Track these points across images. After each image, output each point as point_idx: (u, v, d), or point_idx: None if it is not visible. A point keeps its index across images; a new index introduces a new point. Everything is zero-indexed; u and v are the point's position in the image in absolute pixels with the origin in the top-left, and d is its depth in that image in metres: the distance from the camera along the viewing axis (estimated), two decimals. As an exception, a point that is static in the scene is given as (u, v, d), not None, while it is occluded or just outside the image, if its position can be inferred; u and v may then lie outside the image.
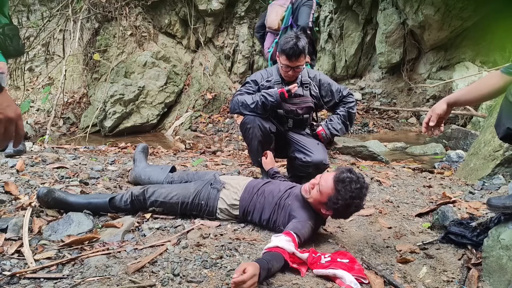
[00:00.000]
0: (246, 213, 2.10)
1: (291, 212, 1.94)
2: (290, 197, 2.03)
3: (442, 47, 7.21)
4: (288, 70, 2.71)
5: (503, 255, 1.60)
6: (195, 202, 2.12)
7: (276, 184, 2.18)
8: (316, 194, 1.90)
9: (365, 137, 6.24)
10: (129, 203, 2.14)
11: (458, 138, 5.10)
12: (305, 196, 1.96)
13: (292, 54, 2.61)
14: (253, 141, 2.73)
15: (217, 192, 2.14)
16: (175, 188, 2.18)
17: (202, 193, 2.13)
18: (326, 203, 1.88)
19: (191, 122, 7.01)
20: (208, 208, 2.13)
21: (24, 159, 3.02)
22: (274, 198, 2.05)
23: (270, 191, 2.10)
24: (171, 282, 1.51)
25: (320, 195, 1.89)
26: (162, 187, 2.20)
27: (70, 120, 7.30)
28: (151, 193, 2.15)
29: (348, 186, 1.82)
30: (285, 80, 2.80)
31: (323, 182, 1.89)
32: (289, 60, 2.65)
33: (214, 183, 2.18)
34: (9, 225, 1.88)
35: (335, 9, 7.55)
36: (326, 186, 1.87)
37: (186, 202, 2.13)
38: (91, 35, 7.15)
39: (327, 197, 1.87)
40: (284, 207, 2.00)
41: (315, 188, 1.91)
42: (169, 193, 2.14)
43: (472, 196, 2.82)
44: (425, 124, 1.75)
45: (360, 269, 1.67)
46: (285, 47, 2.62)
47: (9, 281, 1.49)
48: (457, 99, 1.72)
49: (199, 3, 7.27)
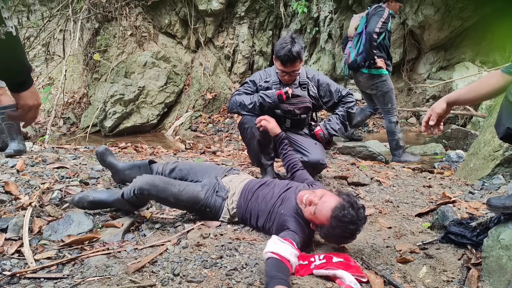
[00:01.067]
0: (244, 219, 2.10)
1: (284, 222, 1.88)
2: (283, 205, 1.98)
3: (442, 47, 7.22)
4: (284, 75, 2.71)
5: (503, 255, 1.60)
6: (201, 209, 2.10)
7: (271, 187, 2.13)
8: (310, 213, 1.82)
9: (365, 137, 6.24)
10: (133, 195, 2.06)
11: (458, 138, 5.10)
12: (301, 207, 1.89)
13: (287, 60, 2.59)
14: (252, 141, 2.73)
15: (222, 200, 2.12)
16: (185, 192, 2.06)
17: (209, 200, 2.10)
18: (317, 226, 1.83)
19: (191, 122, 7.01)
20: (212, 214, 2.12)
21: (24, 159, 3.02)
22: (267, 205, 2.01)
23: (264, 197, 2.06)
24: (171, 282, 1.51)
25: (314, 218, 1.81)
26: (173, 186, 2.05)
27: (70, 120, 7.30)
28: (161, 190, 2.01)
29: (344, 225, 1.72)
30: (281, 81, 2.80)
31: (321, 208, 1.78)
32: (284, 66, 2.64)
33: (219, 191, 2.13)
34: (9, 225, 1.89)
35: (335, 9, 7.54)
36: (322, 214, 1.77)
37: (195, 208, 2.11)
38: (91, 35, 7.16)
39: (319, 223, 1.80)
40: (277, 215, 1.95)
41: (311, 207, 1.83)
42: (179, 196, 2.04)
43: (472, 196, 2.82)
44: (425, 123, 1.75)
45: (356, 266, 1.67)
46: (280, 53, 2.59)
47: (9, 281, 1.49)
48: (457, 98, 1.72)
49: (199, 3, 7.27)
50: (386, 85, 4.19)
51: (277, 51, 2.62)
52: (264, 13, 7.88)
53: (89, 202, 2.15)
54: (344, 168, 3.70)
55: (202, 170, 2.40)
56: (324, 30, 7.87)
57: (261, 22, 7.96)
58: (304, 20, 7.94)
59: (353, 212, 1.72)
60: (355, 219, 1.72)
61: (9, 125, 3.25)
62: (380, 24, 3.92)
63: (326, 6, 7.70)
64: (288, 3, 7.83)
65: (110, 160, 2.57)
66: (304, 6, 7.31)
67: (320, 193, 1.86)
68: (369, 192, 2.89)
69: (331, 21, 7.74)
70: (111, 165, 2.58)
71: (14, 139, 3.25)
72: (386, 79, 4.17)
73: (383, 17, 3.91)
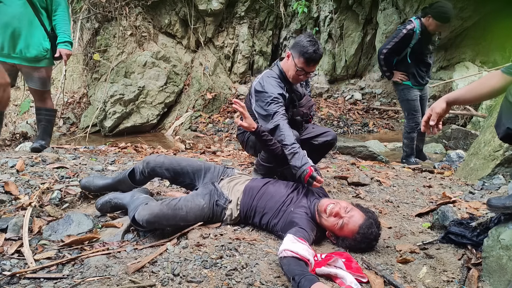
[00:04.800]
0: (247, 216, 2.09)
1: (293, 219, 1.92)
2: (293, 204, 2.02)
3: (442, 47, 7.21)
4: (301, 73, 2.54)
5: (503, 255, 1.60)
6: (205, 220, 2.08)
7: (277, 186, 2.16)
8: (334, 224, 1.89)
9: (365, 137, 6.24)
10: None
11: (458, 138, 5.11)
12: (322, 215, 1.93)
13: (313, 60, 2.48)
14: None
15: (223, 209, 2.11)
16: (192, 212, 2.00)
17: (211, 211, 2.08)
18: (339, 238, 1.92)
19: (191, 122, 7.01)
20: (215, 220, 2.12)
21: (24, 159, 3.02)
22: (275, 202, 2.04)
23: (271, 195, 2.07)
24: (171, 282, 1.50)
25: (338, 230, 1.89)
26: (180, 210, 1.97)
27: (70, 120, 7.30)
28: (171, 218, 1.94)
29: (369, 241, 1.88)
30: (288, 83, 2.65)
31: (348, 222, 1.87)
32: (307, 65, 2.50)
33: (219, 199, 2.10)
34: (9, 225, 1.89)
35: (335, 9, 7.55)
36: (349, 229, 1.87)
37: (200, 221, 2.06)
38: (91, 35, 7.15)
39: (342, 235, 1.90)
40: (285, 213, 1.99)
41: (337, 219, 1.89)
42: (187, 217, 1.97)
43: (472, 196, 2.82)
44: (424, 122, 1.75)
45: (358, 267, 1.67)
46: (307, 52, 2.45)
47: (9, 281, 1.49)
48: (457, 98, 1.72)
49: (199, 3, 7.27)
50: (402, 94, 4.22)
51: (304, 50, 2.46)
52: (264, 13, 7.88)
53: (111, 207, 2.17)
54: (344, 168, 3.70)
55: (194, 171, 2.29)
56: (324, 30, 7.88)
57: (261, 22, 7.96)
58: (304, 20, 7.95)
59: (377, 230, 1.89)
60: (378, 236, 1.90)
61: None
62: (392, 44, 4.01)
63: (326, 6, 7.70)
64: (288, 3, 7.84)
65: (98, 183, 2.35)
66: (304, 6, 7.31)
67: (345, 205, 1.94)
68: (369, 192, 2.89)
69: (331, 21, 7.74)
70: (104, 187, 2.35)
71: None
72: (404, 88, 4.18)
73: (396, 37, 3.98)
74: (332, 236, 1.96)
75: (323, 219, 1.93)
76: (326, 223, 1.93)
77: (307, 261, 1.59)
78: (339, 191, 2.86)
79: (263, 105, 2.50)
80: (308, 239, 1.76)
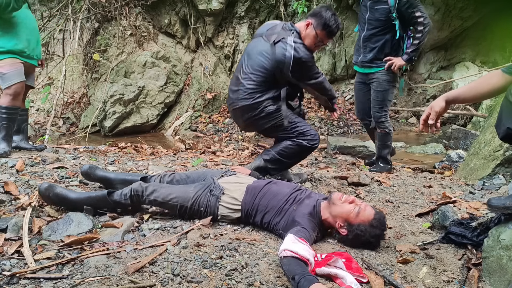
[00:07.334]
0: (248, 215, 2.08)
1: (295, 218, 1.92)
2: (296, 203, 2.02)
3: (442, 47, 7.22)
4: (320, 44, 2.73)
5: (503, 255, 1.60)
6: (194, 208, 2.08)
7: (279, 186, 2.15)
8: (350, 210, 1.92)
9: (365, 137, 6.23)
10: (128, 198, 2.11)
11: (458, 138, 5.11)
12: (336, 202, 1.96)
13: (335, 33, 2.72)
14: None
15: (216, 199, 2.10)
16: (175, 190, 2.14)
17: (201, 200, 2.09)
18: (352, 225, 1.91)
19: (191, 122, 7.01)
20: (208, 215, 2.10)
21: (24, 159, 3.02)
22: (278, 202, 2.03)
23: (274, 194, 2.07)
24: (171, 282, 1.50)
25: (355, 215, 1.91)
26: (162, 187, 2.17)
27: (70, 120, 7.30)
28: (150, 192, 2.11)
29: (384, 228, 1.95)
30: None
31: (364, 208, 1.94)
32: (329, 38, 2.71)
33: (213, 189, 2.12)
34: (9, 225, 1.88)
35: (335, 9, 7.54)
36: (365, 215, 1.91)
37: (185, 206, 2.09)
38: (91, 35, 7.15)
39: (358, 222, 1.90)
40: (287, 212, 1.98)
41: (353, 205, 1.93)
42: (169, 194, 2.11)
43: (472, 196, 2.82)
44: (423, 121, 1.75)
45: (358, 268, 1.67)
46: (331, 25, 2.63)
47: (9, 281, 1.49)
48: (456, 97, 1.72)
49: (199, 3, 7.26)
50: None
51: (328, 23, 2.63)
52: (264, 13, 7.88)
53: (54, 193, 2.11)
54: (344, 168, 3.70)
55: (199, 177, 2.36)
56: (324, 30, 7.87)
57: (261, 22, 7.95)
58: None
59: (386, 224, 2.00)
60: (384, 228, 1.97)
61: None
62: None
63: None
64: (288, 3, 7.83)
65: (100, 173, 2.47)
66: (304, 6, 7.30)
67: (356, 199, 2.02)
68: (369, 192, 2.89)
69: (331, 21, 7.73)
70: (103, 179, 2.47)
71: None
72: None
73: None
74: (345, 225, 1.94)
75: (338, 206, 1.94)
76: (340, 211, 1.93)
77: (307, 261, 1.59)
78: (339, 191, 2.86)
79: (311, 65, 2.63)
80: (309, 239, 1.76)
